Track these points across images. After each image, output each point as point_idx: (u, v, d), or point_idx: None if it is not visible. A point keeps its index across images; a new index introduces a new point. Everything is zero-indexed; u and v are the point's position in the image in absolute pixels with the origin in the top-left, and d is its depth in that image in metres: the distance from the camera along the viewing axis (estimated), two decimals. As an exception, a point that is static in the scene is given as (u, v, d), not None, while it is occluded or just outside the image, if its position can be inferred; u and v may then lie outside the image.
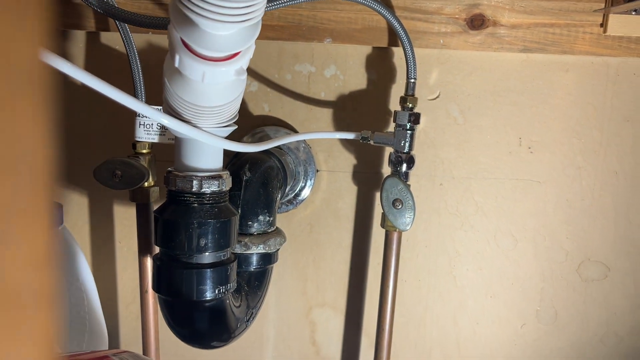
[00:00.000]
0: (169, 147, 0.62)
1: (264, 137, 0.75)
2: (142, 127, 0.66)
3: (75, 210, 0.79)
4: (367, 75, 0.76)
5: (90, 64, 0.75)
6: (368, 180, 0.78)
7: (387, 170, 0.75)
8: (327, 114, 0.77)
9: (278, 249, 0.64)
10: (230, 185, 0.54)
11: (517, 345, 0.82)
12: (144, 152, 0.68)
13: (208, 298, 0.51)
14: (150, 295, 0.73)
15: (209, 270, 0.51)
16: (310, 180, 0.77)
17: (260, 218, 0.62)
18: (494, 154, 0.77)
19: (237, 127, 0.52)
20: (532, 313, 0.81)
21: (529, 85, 0.75)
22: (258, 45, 0.45)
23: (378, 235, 0.79)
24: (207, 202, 0.50)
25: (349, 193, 0.78)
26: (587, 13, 0.71)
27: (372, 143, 0.69)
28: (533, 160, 0.77)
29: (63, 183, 0.76)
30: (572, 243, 0.79)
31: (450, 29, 0.72)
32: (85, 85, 0.41)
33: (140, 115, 0.65)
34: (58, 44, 0.72)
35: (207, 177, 0.50)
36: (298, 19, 0.72)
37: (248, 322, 0.60)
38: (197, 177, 0.50)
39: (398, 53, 0.75)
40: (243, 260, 0.61)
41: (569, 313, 0.80)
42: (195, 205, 0.50)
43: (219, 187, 0.51)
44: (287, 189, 0.72)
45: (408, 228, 0.68)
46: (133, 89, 0.67)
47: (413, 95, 0.68)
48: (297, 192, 0.77)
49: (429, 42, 0.72)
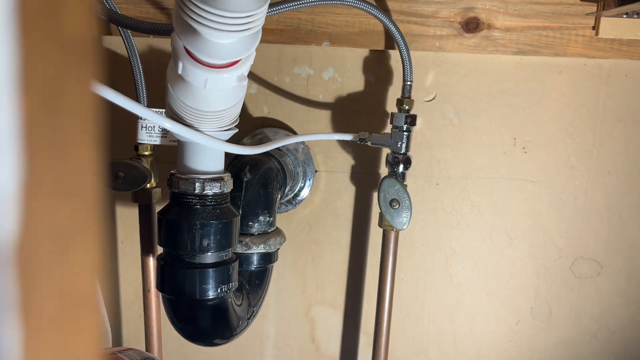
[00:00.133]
0: (171, 148, 0.63)
1: (264, 138, 0.77)
2: (144, 129, 0.68)
3: (79, 211, 0.80)
4: (364, 78, 0.77)
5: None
6: (366, 181, 0.79)
7: (384, 171, 0.77)
8: (325, 116, 0.78)
9: (278, 249, 0.65)
10: (232, 187, 0.55)
11: (512, 342, 0.83)
12: (146, 154, 0.70)
13: (211, 297, 0.53)
14: (153, 294, 0.74)
15: (212, 270, 0.52)
16: (309, 181, 0.78)
17: (261, 218, 0.63)
18: (489, 155, 0.78)
19: (238, 130, 0.54)
20: (527, 310, 0.82)
21: (523, 87, 0.77)
22: (258, 49, 0.46)
23: (376, 235, 0.80)
24: (209, 203, 0.52)
25: (347, 193, 0.80)
26: (579, 16, 0.72)
27: (369, 144, 0.70)
28: (527, 160, 0.78)
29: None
30: (565, 241, 0.80)
31: (446, 32, 0.74)
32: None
33: (142, 118, 0.67)
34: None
35: (209, 179, 0.52)
36: (297, 23, 0.73)
37: (249, 320, 0.62)
38: (199, 179, 0.51)
39: (395, 56, 0.76)
40: (244, 260, 0.62)
41: (563, 309, 0.82)
42: (198, 207, 0.52)
43: (221, 189, 0.52)
44: (286, 190, 0.74)
45: (405, 227, 0.70)
46: (135, 92, 0.69)
47: (409, 98, 0.69)
48: (296, 192, 0.78)
49: (425, 44, 0.74)
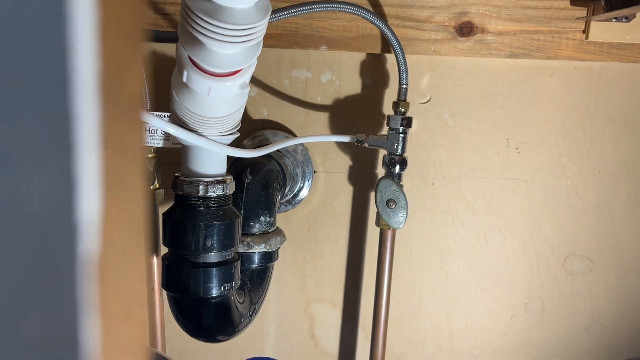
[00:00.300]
0: (173, 150, 0.65)
1: (263, 140, 0.79)
2: (146, 132, 0.70)
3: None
4: (361, 81, 0.79)
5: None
6: (363, 181, 0.81)
7: (381, 172, 0.79)
8: (323, 118, 0.80)
9: (278, 248, 0.68)
10: (234, 189, 0.57)
11: (506, 336, 0.86)
12: (149, 156, 0.72)
13: (214, 295, 0.55)
14: (157, 293, 0.76)
15: (215, 269, 0.54)
16: (308, 181, 0.80)
17: (262, 219, 0.65)
18: (483, 155, 0.81)
19: (239, 134, 0.56)
20: (520, 305, 0.85)
21: (516, 89, 0.79)
22: (258, 58, 0.48)
23: (373, 233, 0.82)
24: (212, 205, 0.54)
25: (345, 193, 0.82)
26: (570, 20, 0.75)
27: (366, 145, 0.72)
28: (520, 160, 0.81)
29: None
30: (558, 238, 0.83)
31: (441, 36, 0.76)
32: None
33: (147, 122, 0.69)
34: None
35: (212, 182, 0.54)
36: (295, 28, 0.75)
37: (251, 316, 0.64)
38: (203, 182, 0.53)
39: (391, 59, 0.78)
40: (246, 259, 0.64)
41: (556, 305, 0.84)
42: (202, 209, 0.54)
43: (224, 191, 0.54)
44: (286, 190, 0.76)
45: (401, 226, 0.72)
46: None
47: (405, 100, 0.71)
48: (295, 192, 0.80)
49: (420, 48, 0.76)
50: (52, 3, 0.09)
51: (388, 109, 0.78)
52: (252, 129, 0.80)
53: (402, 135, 0.70)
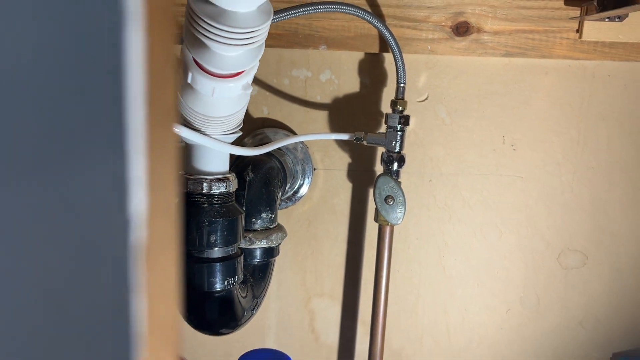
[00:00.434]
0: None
1: (264, 138, 0.80)
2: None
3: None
4: (360, 80, 0.81)
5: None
6: (362, 178, 0.83)
7: (379, 169, 0.80)
8: (323, 116, 0.82)
9: (280, 243, 0.69)
10: (237, 186, 0.59)
11: (502, 330, 0.87)
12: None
13: (218, 289, 0.56)
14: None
15: (219, 264, 0.56)
16: (308, 179, 0.82)
17: (263, 215, 0.67)
18: (480, 152, 0.82)
19: (242, 133, 0.57)
20: (516, 300, 0.86)
21: (511, 88, 0.80)
22: (260, 60, 0.50)
23: (372, 229, 0.84)
24: (216, 202, 0.55)
25: (344, 190, 0.83)
26: (564, 20, 0.76)
27: (365, 143, 0.74)
28: (516, 157, 0.82)
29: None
30: (552, 234, 0.84)
31: (437, 36, 0.77)
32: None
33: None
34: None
35: (215, 179, 0.55)
36: (294, 28, 0.77)
37: (253, 310, 0.65)
38: (206, 179, 0.55)
39: (389, 58, 0.80)
40: (248, 254, 0.66)
41: (551, 299, 0.86)
42: (206, 206, 0.55)
43: (227, 188, 0.56)
44: (286, 187, 0.78)
45: (399, 222, 0.74)
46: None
47: (403, 99, 0.73)
48: (295, 189, 0.82)
49: (418, 48, 0.77)
50: (112, 38, 0.10)
51: (386, 108, 0.80)
52: (252, 128, 0.81)
53: (400, 133, 0.72)
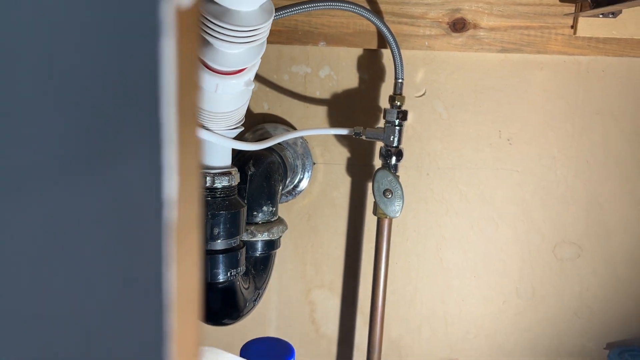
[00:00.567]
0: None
1: (265, 133, 0.82)
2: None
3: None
4: (358, 75, 0.82)
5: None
6: (361, 172, 0.84)
7: (378, 163, 0.82)
8: (322, 111, 0.83)
9: (280, 236, 0.71)
10: (239, 180, 0.61)
11: (499, 320, 0.89)
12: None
13: (221, 280, 0.58)
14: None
15: (222, 256, 0.58)
16: (308, 173, 0.83)
17: (265, 208, 0.68)
18: (476, 146, 0.84)
19: (244, 129, 0.59)
20: (512, 291, 0.88)
21: (507, 83, 0.82)
22: (262, 57, 0.51)
23: (370, 222, 0.86)
24: (219, 195, 0.57)
25: (344, 184, 0.85)
26: (559, 16, 0.78)
27: (364, 138, 0.75)
28: (512, 151, 0.84)
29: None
30: (548, 226, 0.86)
31: (435, 32, 0.79)
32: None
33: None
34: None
35: (218, 173, 0.57)
36: (294, 24, 0.78)
37: (255, 301, 0.67)
38: (210, 173, 0.57)
39: (387, 54, 0.81)
40: (249, 247, 0.68)
41: (546, 290, 0.88)
42: (209, 199, 0.57)
43: (229, 182, 0.58)
44: (287, 181, 0.79)
45: (398, 215, 0.75)
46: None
47: (401, 94, 0.74)
48: (295, 183, 0.84)
49: (415, 44, 0.79)
50: (149, 48, 0.12)
51: (384, 103, 0.81)
52: (253, 123, 0.83)
53: (398, 128, 0.73)
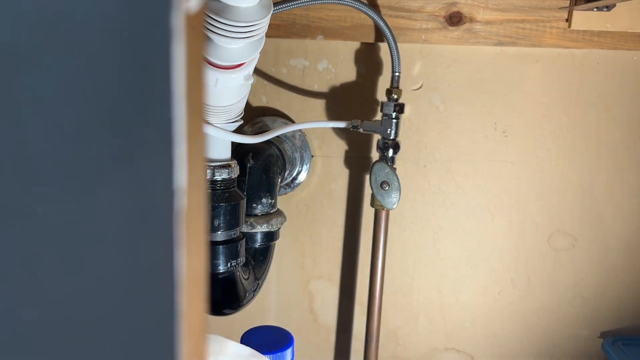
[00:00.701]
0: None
1: (263, 126, 0.83)
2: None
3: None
4: (356, 69, 0.83)
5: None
6: (358, 164, 0.86)
7: (375, 155, 0.83)
8: (320, 104, 0.84)
9: (279, 228, 0.72)
10: (238, 173, 0.62)
11: (494, 309, 0.91)
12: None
13: (221, 271, 0.59)
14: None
15: (222, 247, 0.59)
16: (306, 165, 0.85)
17: (264, 201, 0.70)
18: (472, 138, 0.85)
19: (243, 122, 0.60)
20: (507, 280, 0.90)
21: (503, 76, 0.83)
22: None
23: (368, 214, 0.87)
24: (219, 188, 0.58)
25: (341, 176, 0.86)
26: (553, 10, 0.78)
27: (361, 131, 0.76)
28: (507, 143, 0.85)
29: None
30: (542, 217, 0.87)
31: (431, 26, 0.79)
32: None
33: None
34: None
35: (218, 166, 0.58)
36: (292, 18, 0.79)
37: (255, 291, 0.68)
38: (210, 166, 0.58)
39: (384, 47, 0.82)
40: (249, 238, 0.69)
41: (541, 279, 0.89)
42: (209, 192, 0.58)
43: (229, 174, 0.59)
44: (285, 174, 0.80)
45: (395, 207, 0.76)
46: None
47: (398, 88, 0.75)
48: (294, 176, 0.85)
49: (412, 37, 0.80)
50: (163, 52, 0.13)
51: (382, 95, 0.82)
52: (252, 116, 0.84)
53: (395, 121, 0.74)
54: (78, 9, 0.13)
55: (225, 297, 0.64)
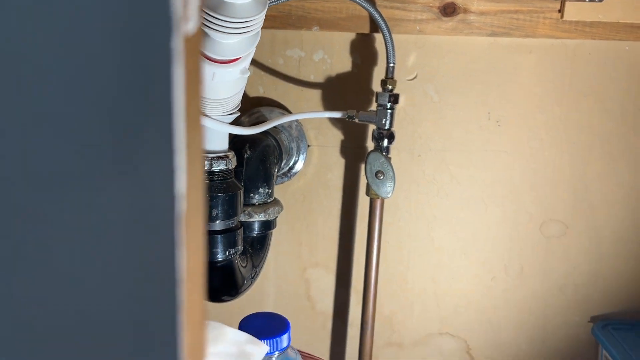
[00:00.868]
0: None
1: (260, 116, 0.84)
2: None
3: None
4: (351, 59, 0.84)
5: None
6: (354, 154, 0.87)
7: (370, 145, 0.84)
8: (316, 95, 0.85)
9: (276, 217, 0.73)
10: (236, 164, 0.63)
11: (488, 296, 0.93)
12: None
13: (219, 259, 0.61)
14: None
15: (220, 236, 0.60)
16: (303, 155, 0.86)
17: (261, 190, 0.71)
18: (466, 128, 0.86)
19: (240, 114, 0.61)
20: (500, 268, 0.91)
21: (497, 66, 0.84)
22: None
23: (363, 203, 0.88)
24: (216, 178, 0.59)
25: (337, 166, 0.87)
26: (547, 1, 0.79)
27: (357, 121, 0.77)
28: (501, 133, 0.86)
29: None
30: (535, 205, 0.89)
31: (426, 16, 0.80)
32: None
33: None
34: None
35: (216, 157, 0.59)
36: (288, 9, 0.80)
37: (253, 279, 0.70)
38: (207, 157, 0.59)
39: (379, 38, 0.83)
40: (247, 227, 0.70)
41: (533, 267, 0.91)
42: (207, 182, 0.59)
43: (227, 165, 0.60)
44: (282, 164, 0.81)
45: (389, 196, 0.78)
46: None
47: (392, 78, 0.76)
48: (291, 165, 0.86)
49: (407, 28, 0.81)
50: (164, 68, 0.14)
51: (377, 86, 0.83)
52: (249, 106, 0.85)
53: (389, 111, 0.75)
54: (79, 9, 0.14)
55: (224, 284, 0.65)
